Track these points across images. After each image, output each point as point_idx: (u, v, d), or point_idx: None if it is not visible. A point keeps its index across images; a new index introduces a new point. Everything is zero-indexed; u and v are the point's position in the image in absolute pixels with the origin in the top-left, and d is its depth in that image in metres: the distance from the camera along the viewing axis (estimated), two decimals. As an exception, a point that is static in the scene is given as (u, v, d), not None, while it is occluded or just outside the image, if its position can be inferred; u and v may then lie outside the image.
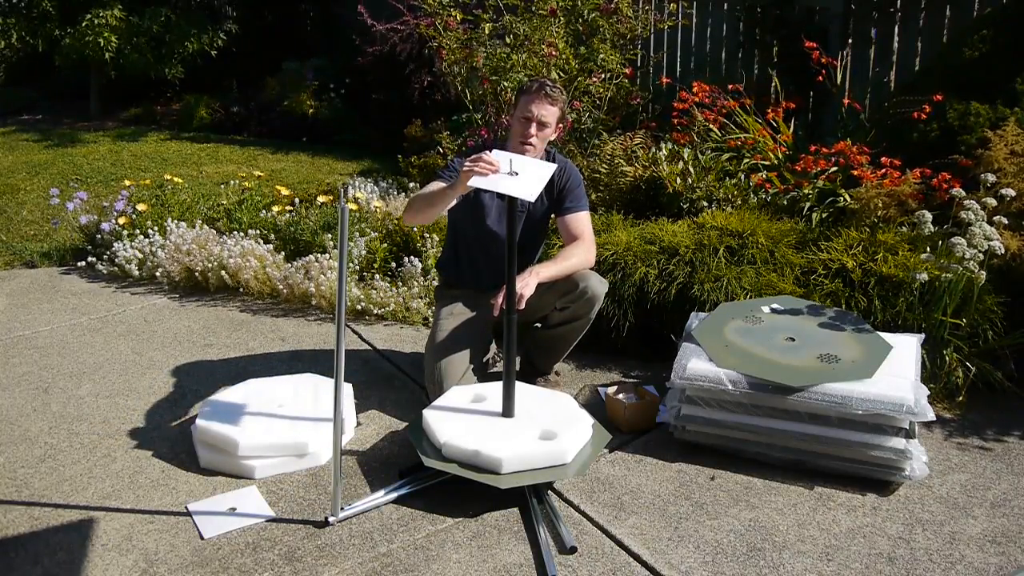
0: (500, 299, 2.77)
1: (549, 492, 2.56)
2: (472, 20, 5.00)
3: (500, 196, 3.03)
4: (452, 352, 2.99)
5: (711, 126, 4.53)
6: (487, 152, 2.66)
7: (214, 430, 2.70)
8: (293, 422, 2.77)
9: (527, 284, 2.80)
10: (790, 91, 5.39)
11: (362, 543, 2.35)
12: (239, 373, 3.39)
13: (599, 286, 3.02)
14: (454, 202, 2.95)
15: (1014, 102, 3.74)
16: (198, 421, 2.77)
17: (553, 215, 3.19)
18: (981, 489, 2.60)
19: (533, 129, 2.96)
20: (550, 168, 2.70)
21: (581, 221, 3.12)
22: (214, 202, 5.17)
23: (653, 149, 4.48)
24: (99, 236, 4.83)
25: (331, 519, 2.41)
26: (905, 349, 2.81)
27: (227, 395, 2.93)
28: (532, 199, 2.56)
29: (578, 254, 3.04)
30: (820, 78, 4.69)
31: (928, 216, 3.15)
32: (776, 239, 3.55)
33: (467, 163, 2.64)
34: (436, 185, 2.98)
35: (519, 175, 2.60)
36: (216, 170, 6.77)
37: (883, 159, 3.73)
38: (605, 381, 3.32)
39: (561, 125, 3.08)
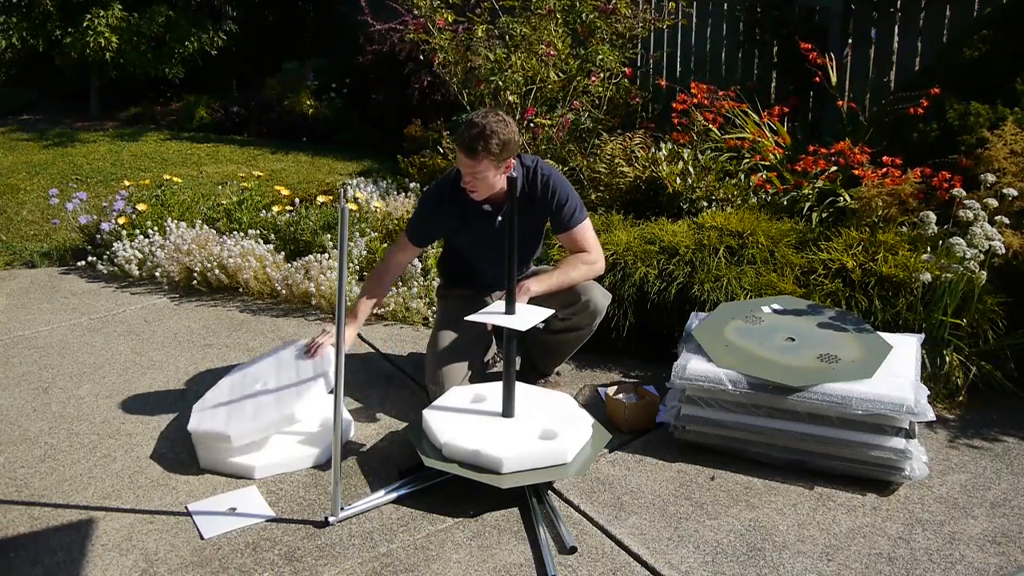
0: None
1: (549, 492, 2.56)
2: (466, 21, 5.00)
3: (488, 228, 3.05)
4: (453, 352, 2.99)
5: (711, 126, 4.53)
6: (325, 340, 2.91)
7: (205, 430, 2.69)
8: (278, 395, 2.76)
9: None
10: (789, 91, 5.39)
11: (362, 543, 2.35)
12: (239, 373, 3.39)
13: (602, 299, 3.01)
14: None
15: (1014, 102, 3.74)
16: (190, 426, 2.76)
17: (549, 226, 3.13)
18: (981, 489, 2.60)
19: (470, 179, 2.86)
20: (546, 313, 2.70)
21: (582, 233, 3.04)
22: (214, 202, 5.17)
23: (653, 149, 4.47)
24: (99, 236, 4.83)
25: (331, 519, 2.42)
26: (905, 349, 2.81)
27: (212, 393, 2.93)
28: (522, 329, 2.59)
29: (580, 269, 2.98)
30: (819, 78, 4.69)
31: (932, 217, 3.14)
32: (776, 239, 3.55)
33: (305, 350, 2.93)
34: (393, 261, 3.15)
35: (515, 313, 2.64)
36: (216, 170, 6.77)
37: (884, 158, 3.73)
38: (605, 381, 3.32)
39: (512, 160, 2.87)
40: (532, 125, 4.78)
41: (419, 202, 3.20)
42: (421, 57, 5.75)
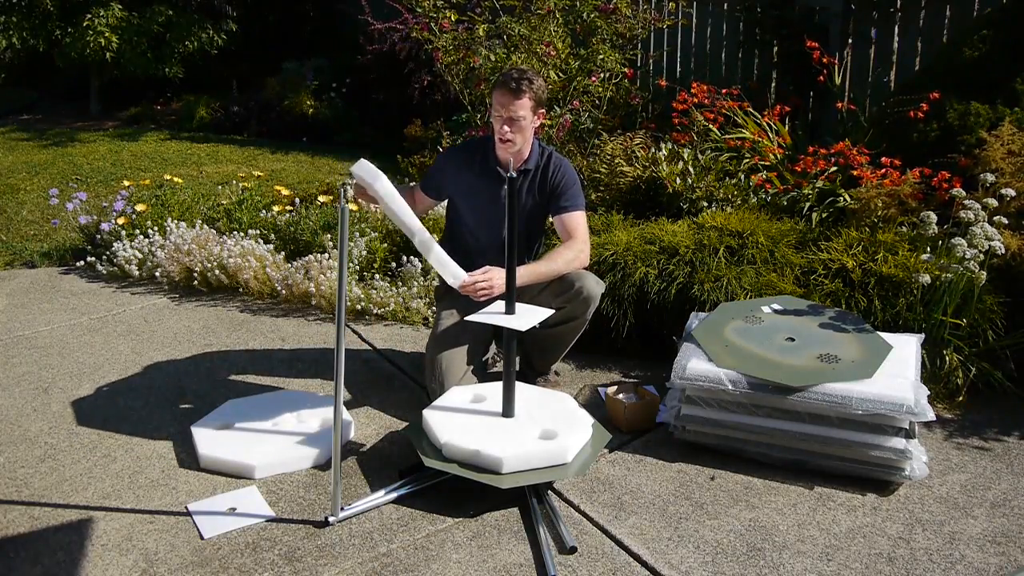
0: (470, 282, 2.81)
1: (549, 492, 2.56)
2: (467, 20, 5.00)
3: (495, 199, 3.08)
4: (453, 352, 2.99)
5: (711, 126, 4.53)
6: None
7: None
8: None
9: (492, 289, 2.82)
10: (790, 91, 5.39)
11: (362, 543, 2.35)
12: (239, 373, 3.39)
13: (595, 287, 3.02)
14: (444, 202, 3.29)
15: (1014, 102, 3.74)
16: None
17: (549, 215, 3.19)
18: (981, 489, 2.60)
19: (506, 127, 2.96)
20: (546, 312, 2.69)
21: (574, 220, 3.10)
22: (214, 202, 5.17)
23: (653, 149, 4.48)
24: (99, 236, 4.83)
25: (331, 519, 2.42)
26: (905, 349, 2.82)
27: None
28: (523, 329, 2.58)
29: (564, 255, 3.01)
30: (823, 78, 4.69)
31: (933, 217, 3.14)
32: (776, 239, 3.55)
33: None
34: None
35: (515, 313, 2.64)
36: (216, 170, 6.77)
37: (883, 159, 3.74)
38: (605, 381, 3.32)
39: (543, 111, 3.06)
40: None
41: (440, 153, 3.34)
42: (422, 56, 5.76)
